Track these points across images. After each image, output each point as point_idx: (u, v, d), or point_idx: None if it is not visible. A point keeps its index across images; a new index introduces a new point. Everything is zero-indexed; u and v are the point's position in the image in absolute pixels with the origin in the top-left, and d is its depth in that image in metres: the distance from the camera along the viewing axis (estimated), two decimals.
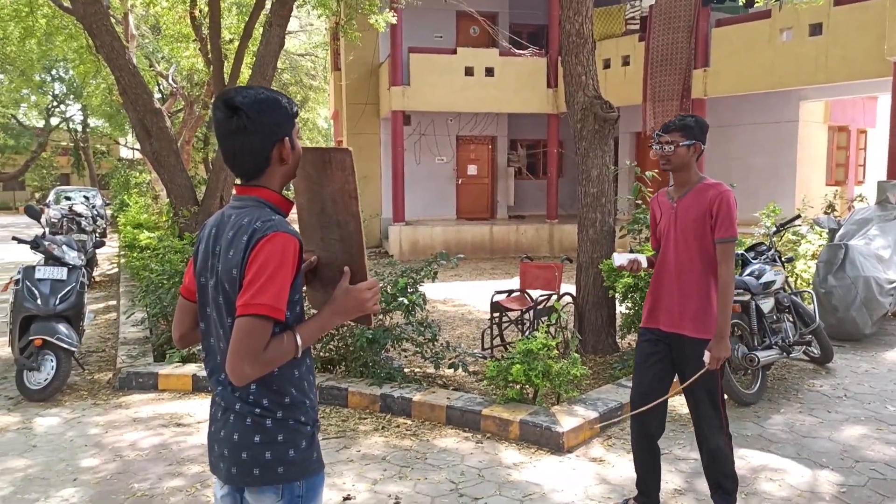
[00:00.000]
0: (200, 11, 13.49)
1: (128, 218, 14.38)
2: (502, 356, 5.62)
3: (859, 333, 6.56)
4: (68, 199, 18.24)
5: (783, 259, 5.91)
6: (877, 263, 6.76)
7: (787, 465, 4.00)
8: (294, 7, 10.66)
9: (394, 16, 13.32)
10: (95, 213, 15.99)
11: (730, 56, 12.32)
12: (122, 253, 12.94)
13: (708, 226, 3.14)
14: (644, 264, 3.36)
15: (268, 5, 10.80)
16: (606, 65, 14.61)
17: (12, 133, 33.44)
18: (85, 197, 19.64)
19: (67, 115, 36.39)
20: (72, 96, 33.68)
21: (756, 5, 11.21)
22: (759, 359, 4.92)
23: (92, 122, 35.40)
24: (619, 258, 3.38)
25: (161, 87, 23.83)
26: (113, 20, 14.29)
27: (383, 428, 4.70)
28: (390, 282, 5.49)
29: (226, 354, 1.72)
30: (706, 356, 3.09)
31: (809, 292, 5.96)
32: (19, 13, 14.36)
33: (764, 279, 5.39)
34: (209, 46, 11.33)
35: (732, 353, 4.99)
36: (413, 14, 14.73)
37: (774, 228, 6.16)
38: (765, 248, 5.87)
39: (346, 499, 3.69)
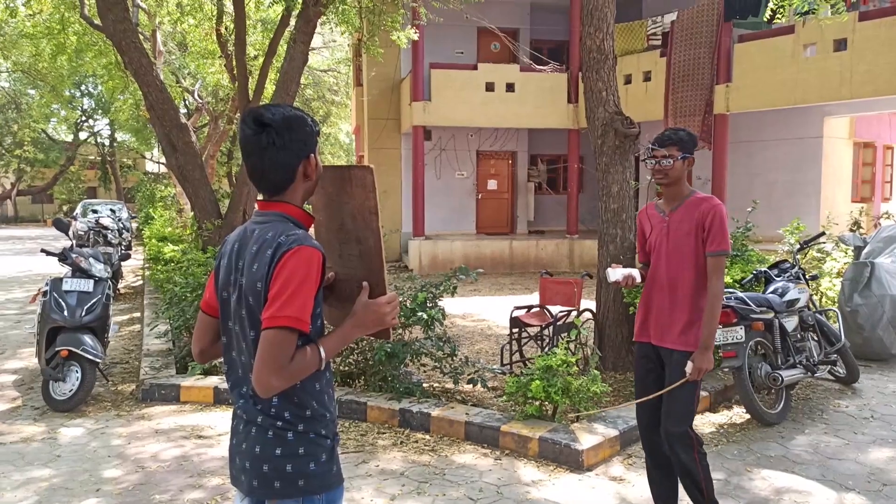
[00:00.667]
0: (226, 28, 13.74)
1: (152, 231, 14.59)
2: (521, 372, 5.60)
3: (886, 353, 6.44)
4: (95, 212, 18.57)
5: (807, 277, 5.83)
6: None
7: (812, 487, 3.93)
8: (317, 24, 10.82)
9: (415, 32, 13.45)
10: (121, 225, 16.27)
11: (752, 72, 12.25)
12: (147, 265, 13.12)
13: (700, 239, 3.13)
14: (638, 279, 3.33)
15: (292, 22, 10.97)
16: (627, 80, 14.60)
17: (42, 147, 34.17)
18: (111, 210, 20.01)
19: (95, 129, 37.15)
20: (100, 111, 34.38)
21: (779, 21, 11.16)
22: (782, 378, 4.85)
23: (119, 136, 36.08)
24: (614, 273, 3.33)
25: (187, 102, 24.23)
26: (141, 37, 14.62)
27: (402, 443, 4.70)
28: (409, 296, 5.50)
29: (248, 368, 1.75)
30: (688, 366, 3.07)
31: (835, 311, 5.87)
32: (51, 30, 14.73)
33: (787, 297, 5.33)
34: (234, 63, 11.53)
35: (756, 372, 4.94)
36: (434, 30, 14.86)
37: (798, 246, 6.08)
38: (788, 265, 5.80)
39: None
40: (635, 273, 3.32)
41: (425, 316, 5.20)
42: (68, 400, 5.38)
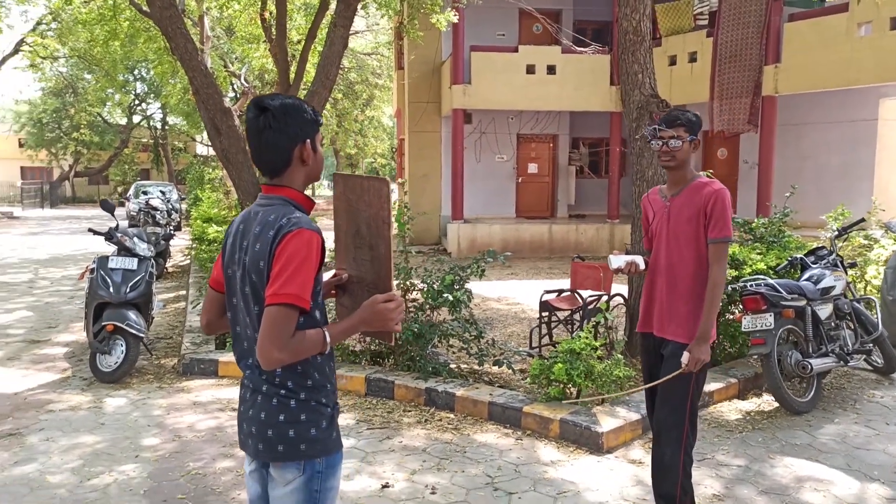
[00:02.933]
0: (270, 13, 13.95)
1: (199, 212, 15.03)
2: (548, 355, 5.63)
3: None
4: (146, 193, 19.14)
5: (846, 264, 5.69)
6: None
7: (835, 476, 3.88)
8: (358, 8, 10.91)
9: (455, 15, 13.43)
10: (170, 206, 16.79)
11: (803, 52, 11.85)
12: (194, 245, 13.54)
13: (702, 225, 3.01)
14: (642, 266, 3.21)
15: (333, 6, 11.08)
16: (672, 61, 14.31)
17: (98, 130, 35.33)
18: (161, 191, 20.64)
19: (148, 113, 38.23)
20: (152, 95, 35.35)
21: None
22: (812, 366, 4.77)
23: (170, 119, 37.05)
24: (616, 260, 3.23)
25: (235, 86, 24.71)
26: (189, 22, 14.95)
27: (426, 421, 4.81)
28: (437, 278, 5.58)
29: (252, 341, 1.87)
30: (684, 357, 2.96)
31: (873, 299, 5.71)
32: (104, 16, 15.21)
33: (822, 284, 5.22)
34: (276, 47, 11.71)
35: (786, 360, 4.87)
36: (475, 13, 14.80)
37: (836, 232, 5.92)
38: (826, 252, 5.67)
39: (384, 486, 3.82)
40: (639, 260, 3.21)
41: (451, 298, 5.28)
42: (113, 372, 5.66)
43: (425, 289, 5.47)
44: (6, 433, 4.58)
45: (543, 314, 6.50)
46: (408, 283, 5.58)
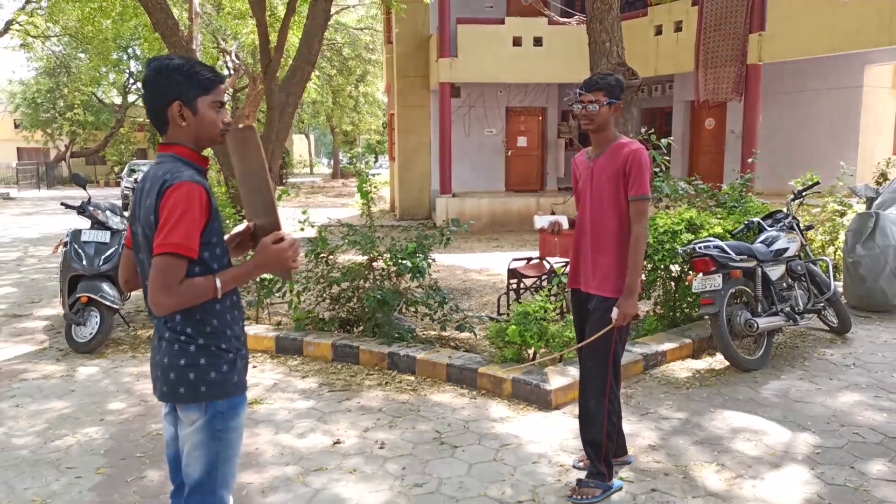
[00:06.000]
0: None
1: None
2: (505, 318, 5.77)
3: (888, 304, 6.36)
4: (134, 171, 19.15)
5: (801, 227, 5.79)
6: None
7: (769, 426, 4.02)
8: None
9: None
10: None
11: (787, 19, 11.81)
12: None
13: (622, 184, 3.13)
14: (565, 226, 3.37)
15: None
16: (658, 31, 14.25)
17: (92, 110, 35.34)
18: None
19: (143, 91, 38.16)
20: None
21: None
22: (758, 325, 4.90)
23: None
24: (540, 220, 3.34)
25: (228, 64, 24.62)
26: None
27: (386, 383, 4.96)
28: (402, 247, 5.69)
29: None
30: (614, 312, 3.10)
31: (825, 260, 5.81)
32: None
33: (776, 246, 5.33)
34: (256, 21, 11.71)
35: (735, 319, 4.99)
36: None
37: (792, 196, 6.01)
38: (782, 215, 5.76)
39: (335, 443, 3.97)
40: (562, 220, 3.36)
41: (409, 265, 5.39)
42: (88, 342, 5.82)
43: (388, 257, 5.59)
44: None
45: (512, 281, 6.63)
46: (373, 252, 5.70)
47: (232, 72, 24.15)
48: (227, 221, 8.14)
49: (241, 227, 2.25)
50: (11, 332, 6.60)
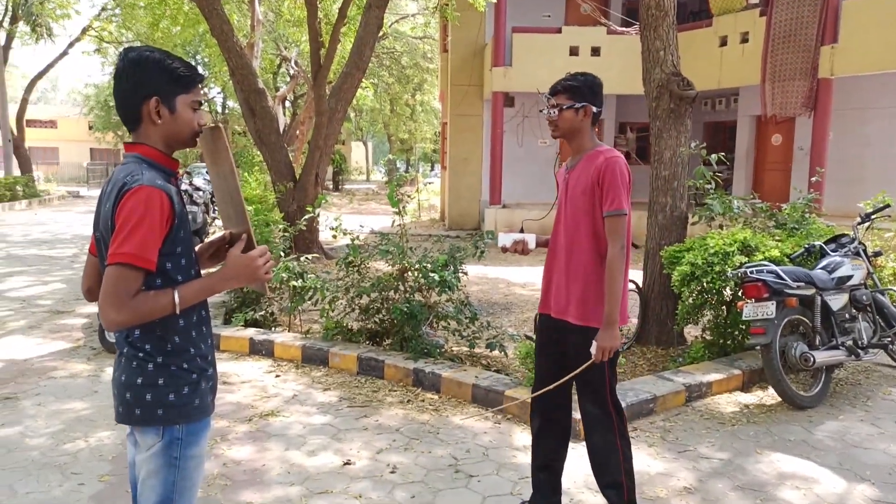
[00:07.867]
0: None
1: (244, 193, 15.34)
2: None
3: None
4: (189, 174, 19.62)
5: (868, 253, 5.30)
6: None
7: (822, 474, 3.61)
8: None
9: None
10: None
11: (863, 31, 11.11)
12: None
13: (597, 198, 2.76)
14: (532, 246, 3.00)
15: None
16: (723, 42, 13.68)
17: None
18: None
19: (210, 96, 39.24)
20: (213, 79, 36.27)
21: None
22: (814, 359, 4.46)
23: (230, 103, 37.96)
24: (504, 238, 3.01)
25: (288, 70, 25.08)
26: (245, 6, 15.16)
27: (409, 401, 4.74)
28: (431, 260, 5.48)
29: None
30: (593, 347, 2.73)
31: (894, 290, 5.30)
32: (164, 1, 15.62)
33: (838, 273, 4.87)
34: (309, 29, 11.77)
35: (790, 351, 4.58)
36: None
37: (860, 219, 5.52)
38: (848, 240, 5.29)
39: (345, 463, 3.77)
40: (529, 238, 3.00)
41: (437, 278, 5.17)
42: None
43: (418, 268, 5.38)
44: (3, 397, 4.76)
45: None
46: (404, 262, 5.50)
47: (290, 78, 24.61)
48: (269, 227, 8.13)
49: (216, 236, 2.08)
50: (51, 328, 6.69)
